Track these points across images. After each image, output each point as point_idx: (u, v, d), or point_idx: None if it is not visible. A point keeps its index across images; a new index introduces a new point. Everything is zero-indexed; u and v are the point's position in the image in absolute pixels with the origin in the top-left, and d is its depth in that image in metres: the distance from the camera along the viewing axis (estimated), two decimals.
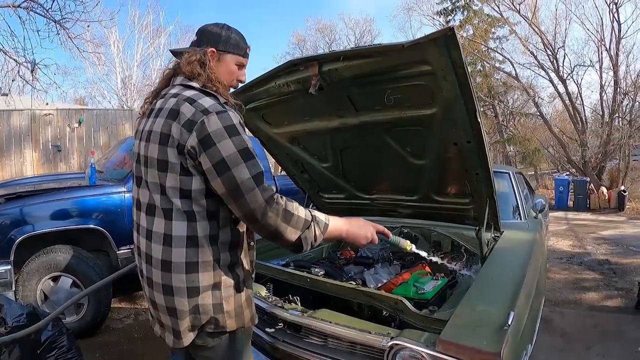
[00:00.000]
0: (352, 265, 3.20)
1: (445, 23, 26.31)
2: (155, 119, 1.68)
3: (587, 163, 17.40)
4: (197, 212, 1.62)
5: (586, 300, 5.60)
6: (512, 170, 4.73)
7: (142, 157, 1.71)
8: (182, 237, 1.61)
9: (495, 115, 25.97)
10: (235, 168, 1.54)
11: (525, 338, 2.07)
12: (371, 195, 3.60)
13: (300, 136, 3.29)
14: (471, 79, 2.13)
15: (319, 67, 2.39)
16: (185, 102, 1.62)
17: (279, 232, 1.59)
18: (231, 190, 1.55)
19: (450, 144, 2.60)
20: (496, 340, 1.73)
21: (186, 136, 1.55)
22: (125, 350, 4.06)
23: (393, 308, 2.15)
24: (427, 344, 1.82)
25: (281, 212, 1.57)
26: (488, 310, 2.00)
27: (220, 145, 1.54)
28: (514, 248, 2.99)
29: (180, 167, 1.58)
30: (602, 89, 18.03)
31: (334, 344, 2.19)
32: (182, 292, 1.62)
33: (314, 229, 1.66)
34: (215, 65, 1.80)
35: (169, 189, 1.61)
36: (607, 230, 11.10)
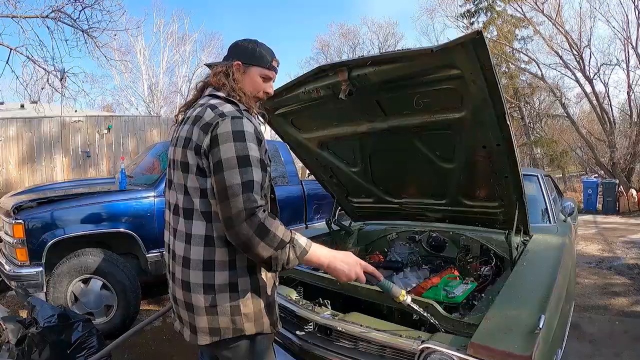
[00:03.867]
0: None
1: (468, 25, 26.20)
2: (184, 125, 1.79)
3: (615, 165, 17.10)
4: (214, 213, 1.67)
5: (616, 306, 5.49)
6: (540, 173, 4.68)
7: (171, 162, 1.83)
8: (200, 235, 1.70)
9: (521, 117, 25.70)
10: (228, 171, 1.58)
11: (556, 342, 2.06)
12: (400, 200, 3.60)
13: (329, 141, 3.31)
14: (500, 82, 2.13)
15: (347, 72, 2.41)
16: (208, 108, 1.73)
17: (250, 245, 1.56)
18: (219, 191, 1.60)
19: (479, 147, 2.59)
20: (527, 344, 1.72)
21: (202, 137, 1.65)
22: (153, 352, 4.12)
23: (424, 312, 2.15)
24: (458, 348, 1.82)
25: (256, 226, 1.55)
26: (519, 314, 1.98)
27: (222, 147, 1.61)
28: (543, 252, 2.96)
29: (196, 168, 1.67)
30: (630, 88, 17.77)
31: (364, 347, 2.21)
32: (198, 289, 1.70)
33: (289, 252, 1.63)
34: (240, 77, 1.89)
35: (190, 189, 1.70)
36: (637, 234, 10.88)
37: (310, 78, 2.63)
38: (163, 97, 26.76)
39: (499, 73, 8.05)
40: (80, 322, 3.46)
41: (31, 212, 4.21)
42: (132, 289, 4.43)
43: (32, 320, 3.39)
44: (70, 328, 3.37)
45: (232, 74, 1.87)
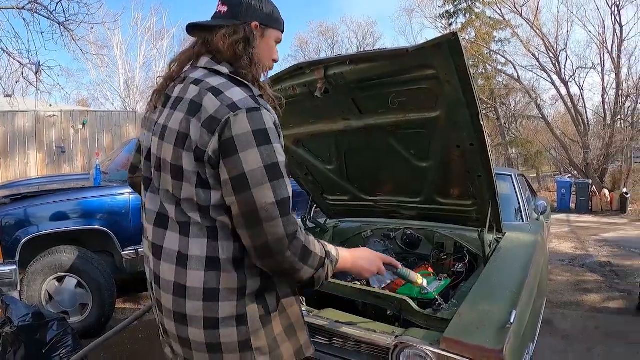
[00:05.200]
0: None
1: (447, 26, 26.54)
2: (172, 110, 1.38)
3: (589, 165, 17.48)
4: (220, 229, 1.34)
5: (588, 302, 5.65)
6: (514, 173, 4.81)
7: (153, 157, 1.43)
8: (201, 257, 1.33)
9: (497, 117, 26.14)
10: (257, 188, 1.25)
11: (527, 337, 2.12)
12: (375, 197, 3.63)
13: (305, 139, 3.32)
14: (474, 83, 2.17)
15: (324, 70, 2.42)
16: (209, 92, 1.31)
17: (294, 272, 1.34)
18: (245, 214, 1.27)
19: (453, 146, 2.63)
20: (499, 338, 1.79)
21: (207, 139, 1.26)
22: (130, 351, 4.08)
23: (397, 308, 2.20)
24: (431, 342, 1.87)
25: (300, 250, 1.31)
26: (491, 309, 2.05)
27: (243, 155, 1.24)
28: (516, 249, 3.03)
29: (197, 178, 1.31)
30: (604, 91, 18.33)
31: (339, 342, 2.24)
32: (197, 323, 1.35)
33: (327, 267, 1.43)
34: (259, 44, 1.49)
35: (184, 202, 1.34)
36: (609, 232, 11.19)
37: (286, 75, 2.64)
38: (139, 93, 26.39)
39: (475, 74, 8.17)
40: (55, 321, 3.37)
41: (4, 209, 4.15)
42: (107, 287, 4.38)
43: (6, 320, 3.34)
44: (45, 327, 3.30)
45: (253, 39, 1.46)
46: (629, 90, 17.78)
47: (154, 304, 1.52)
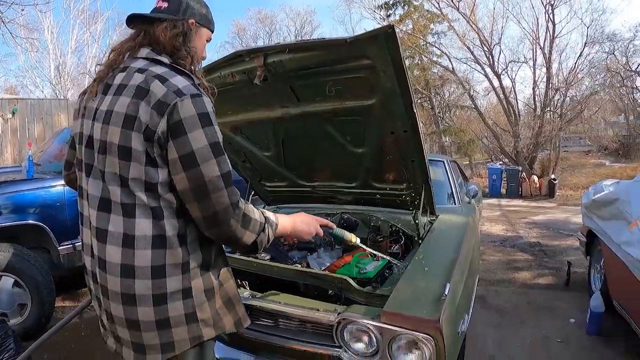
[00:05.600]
0: (295, 251, 3.29)
1: (385, 17, 26.85)
2: (116, 96, 1.45)
3: (519, 153, 18.53)
4: (164, 208, 1.44)
5: (519, 279, 6.03)
6: (446, 159, 5.02)
7: (95, 142, 1.47)
8: (147, 237, 1.41)
9: (431, 107, 26.91)
10: (205, 164, 1.39)
11: (461, 308, 2.27)
12: (312, 183, 3.71)
13: (243, 125, 3.34)
14: (408, 73, 2.27)
15: (264, 58, 2.45)
16: (155, 79, 1.42)
17: (237, 237, 1.49)
18: (195, 188, 1.40)
19: (388, 133, 2.74)
20: (435, 308, 1.92)
21: (157, 120, 1.36)
22: (73, 350, 3.95)
23: (338, 287, 2.29)
24: (372, 317, 1.97)
25: (241, 217, 1.47)
26: (426, 284, 2.18)
27: (191, 136, 1.38)
28: (448, 230, 3.20)
29: (145, 156, 1.39)
30: (535, 85, 19.43)
31: (284, 323, 2.31)
32: (146, 301, 1.42)
33: (268, 231, 1.59)
34: (194, 40, 1.64)
35: (132, 181, 1.41)
36: (538, 215, 11.84)
37: (226, 63, 2.64)
38: (70, 79, 25.04)
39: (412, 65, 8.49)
40: None
41: None
42: (45, 285, 4.20)
43: None
44: None
45: (190, 34, 1.61)
46: (558, 84, 18.88)
47: (94, 294, 1.58)
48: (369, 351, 2.01)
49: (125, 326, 1.46)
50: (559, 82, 18.90)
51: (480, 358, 3.68)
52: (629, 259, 3.46)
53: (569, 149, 27.46)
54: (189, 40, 1.60)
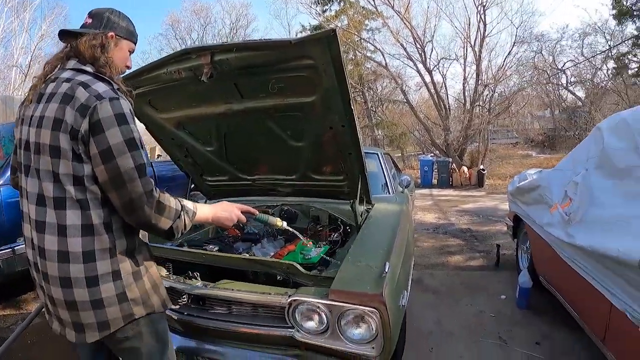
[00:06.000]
0: (240, 243, 3.43)
1: (321, 12, 26.93)
2: (47, 104, 1.64)
3: (449, 145, 19.42)
4: (90, 200, 1.63)
5: (452, 263, 6.41)
6: (380, 152, 5.32)
7: (32, 144, 1.67)
8: (76, 225, 1.61)
9: (364, 101, 27.28)
10: (121, 157, 1.58)
11: (401, 285, 2.49)
12: (253, 177, 3.82)
13: (187, 121, 3.39)
14: (347, 72, 2.44)
15: (211, 56, 2.55)
16: (79, 86, 1.62)
17: (153, 223, 1.67)
18: (113, 178, 1.59)
19: (327, 128, 2.90)
20: (377, 284, 2.13)
21: (80, 121, 1.56)
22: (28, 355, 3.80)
23: (286, 272, 2.44)
24: (321, 296, 2.16)
25: (155, 205, 1.65)
26: (367, 264, 2.38)
27: (108, 133, 1.57)
28: (384, 217, 3.42)
29: (72, 153, 1.59)
30: (465, 81, 20.54)
31: (238, 310, 2.45)
32: (81, 283, 1.61)
33: (184, 218, 1.77)
34: (113, 51, 1.83)
35: (62, 176, 1.60)
36: (468, 204, 12.44)
37: (173, 60, 2.70)
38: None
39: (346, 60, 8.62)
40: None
41: None
42: None
43: None
44: None
45: (109, 46, 1.80)
46: (487, 80, 19.95)
47: (38, 283, 1.75)
48: (320, 329, 2.19)
49: (65, 308, 1.65)
50: (488, 79, 19.95)
51: (419, 335, 3.93)
52: (551, 238, 3.83)
53: (498, 141, 28.99)
54: (107, 52, 1.80)
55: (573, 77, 25.79)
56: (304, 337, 2.22)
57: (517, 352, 3.65)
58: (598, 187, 3.20)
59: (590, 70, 25.12)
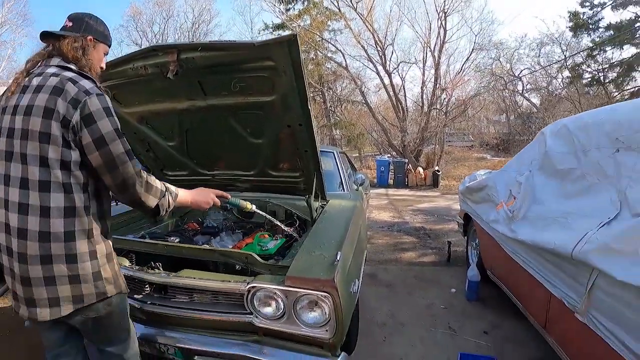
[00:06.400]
0: (199, 236, 3.54)
1: (284, 11, 26.83)
2: (35, 94, 1.78)
3: (406, 147, 19.85)
4: (74, 184, 1.79)
5: (406, 259, 6.65)
6: (336, 150, 5.46)
7: (17, 131, 1.78)
8: (60, 207, 1.76)
9: (324, 101, 27.66)
10: (112, 143, 1.80)
11: (352, 274, 2.67)
12: (212, 172, 3.93)
13: (150, 116, 3.47)
14: (306, 75, 2.60)
15: (177, 54, 2.67)
16: (68, 81, 1.79)
17: (142, 200, 1.91)
18: (107, 162, 1.80)
19: (285, 126, 3.05)
20: (330, 271, 2.30)
21: (72, 112, 1.74)
22: None
23: (244, 262, 2.59)
24: (278, 283, 2.31)
25: (144, 184, 1.90)
26: (321, 254, 2.54)
27: (100, 124, 1.77)
28: (338, 212, 3.59)
29: (62, 140, 1.74)
30: (424, 84, 21.04)
31: (199, 298, 2.58)
32: (61, 260, 1.77)
33: (168, 198, 2.03)
34: (92, 53, 2.02)
35: (51, 160, 1.74)
36: (423, 203, 12.76)
37: (140, 56, 2.80)
38: None
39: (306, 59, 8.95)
40: None
41: None
42: None
43: None
44: None
45: (89, 48, 1.99)
46: (445, 84, 20.50)
47: (8, 268, 1.86)
48: (277, 314, 2.34)
49: (43, 284, 1.78)
50: (445, 83, 20.50)
51: (373, 326, 4.12)
52: (496, 234, 4.10)
53: (454, 144, 29.69)
54: (87, 53, 1.99)
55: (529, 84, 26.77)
56: (262, 323, 2.37)
57: (465, 341, 3.86)
58: (540, 186, 3.45)
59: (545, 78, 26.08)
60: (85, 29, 2.01)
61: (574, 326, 2.59)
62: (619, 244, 2.20)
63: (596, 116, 3.03)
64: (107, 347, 2.06)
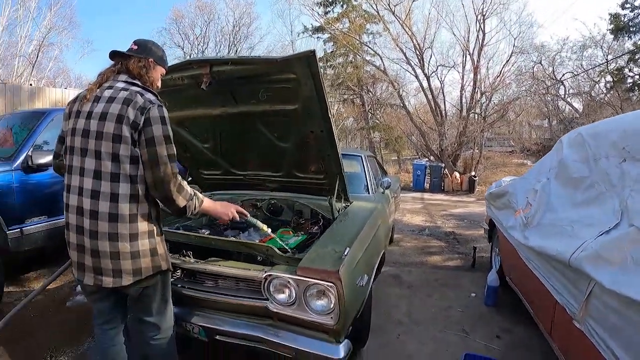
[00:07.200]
0: (229, 230, 3.86)
1: (323, 14, 27.18)
2: (109, 104, 2.15)
3: (444, 151, 19.65)
4: (139, 176, 2.15)
5: (431, 262, 6.73)
6: (364, 154, 5.61)
7: (92, 132, 2.15)
8: (126, 195, 2.13)
9: (362, 103, 27.65)
10: (159, 145, 2.14)
11: (360, 268, 2.91)
12: (244, 172, 4.27)
13: (187, 121, 3.82)
14: (325, 86, 2.87)
15: (210, 67, 3.00)
16: (137, 94, 2.17)
17: (173, 199, 2.21)
18: (151, 160, 2.13)
19: (308, 132, 3.33)
20: (336, 263, 2.57)
21: (140, 117, 2.11)
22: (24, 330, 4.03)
23: (265, 253, 2.88)
24: (291, 272, 2.60)
25: (177, 185, 2.21)
26: (332, 249, 2.81)
27: (154, 127, 2.13)
28: (357, 212, 3.83)
29: (131, 139, 2.11)
30: (463, 88, 20.66)
31: (223, 283, 2.89)
32: (125, 238, 2.14)
33: (195, 201, 2.34)
34: (152, 72, 2.40)
35: (122, 157, 2.11)
36: (457, 208, 12.67)
37: (178, 68, 3.14)
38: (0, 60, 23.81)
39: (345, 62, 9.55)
40: None
41: None
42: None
43: None
44: None
45: (150, 68, 2.38)
46: (484, 88, 20.16)
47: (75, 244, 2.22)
48: (290, 301, 2.62)
49: (109, 257, 2.15)
50: (484, 87, 20.19)
51: (389, 324, 4.28)
52: (513, 240, 4.14)
53: (494, 149, 28.96)
54: (149, 72, 2.38)
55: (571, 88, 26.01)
56: (276, 308, 2.65)
57: (476, 343, 3.94)
58: (555, 194, 3.48)
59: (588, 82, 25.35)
60: (147, 52, 2.38)
61: (574, 333, 2.60)
62: (607, 252, 2.27)
63: (607, 125, 3.07)
64: (147, 317, 2.42)
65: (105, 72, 2.35)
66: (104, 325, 2.51)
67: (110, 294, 2.40)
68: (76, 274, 2.30)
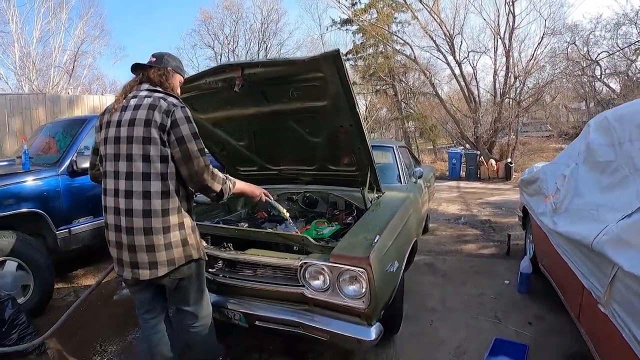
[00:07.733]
0: (267, 223, 4.05)
1: (350, 6, 26.92)
2: (135, 111, 2.36)
3: (479, 138, 19.09)
4: (169, 173, 2.34)
5: (466, 250, 6.75)
6: (396, 145, 5.68)
7: (122, 138, 2.36)
8: (158, 192, 2.32)
9: (395, 93, 27.32)
10: (190, 142, 2.34)
11: (390, 256, 3.02)
12: (279, 167, 4.46)
13: (222, 121, 4.02)
14: (351, 82, 2.99)
15: (241, 71, 3.17)
16: (160, 99, 2.38)
17: (209, 186, 2.43)
18: (184, 156, 2.33)
19: (338, 126, 3.46)
20: (366, 250, 2.70)
21: (166, 120, 2.31)
22: (75, 323, 4.21)
23: (300, 243, 3.03)
24: (324, 260, 2.75)
25: (211, 173, 2.42)
26: (364, 237, 2.95)
27: (182, 127, 2.33)
28: (389, 202, 3.94)
29: (160, 140, 2.30)
30: (495, 73, 19.85)
31: (262, 272, 3.07)
32: (159, 232, 2.32)
33: (228, 184, 2.56)
34: (171, 79, 2.61)
35: (152, 157, 2.30)
36: (493, 196, 12.42)
37: (211, 72, 3.35)
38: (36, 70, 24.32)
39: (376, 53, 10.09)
40: (9, 300, 3.61)
41: None
42: (46, 267, 4.52)
43: None
44: (2, 306, 3.53)
45: (169, 76, 2.59)
46: (517, 72, 19.37)
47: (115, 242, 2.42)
48: (324, 287, 2.77)
49: (145, 251, 2.34)
50: (517, 71, 19.46)
51: (423, 311, 4.36)
52: (543, 226, 4.14)
53: (531, 134, 28.00)
54: (168, 79, 2.59)
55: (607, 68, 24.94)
56: (312, 294, 2.81)
57: (508, 329, 3.97)
58: (582, 179, 3.46)
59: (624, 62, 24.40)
60: (165, 62, 2.60)
61: (599, 317, 2.59)
62: (628, 235, 2.27)
63: (632, 107, 3.07)
64: (185, 307, 2.63)
65: (129, 84, 2.58)
66: (145, 315, 2.74)
67: (149, 286, 2.61)
68: (117, 269, 2.52)
